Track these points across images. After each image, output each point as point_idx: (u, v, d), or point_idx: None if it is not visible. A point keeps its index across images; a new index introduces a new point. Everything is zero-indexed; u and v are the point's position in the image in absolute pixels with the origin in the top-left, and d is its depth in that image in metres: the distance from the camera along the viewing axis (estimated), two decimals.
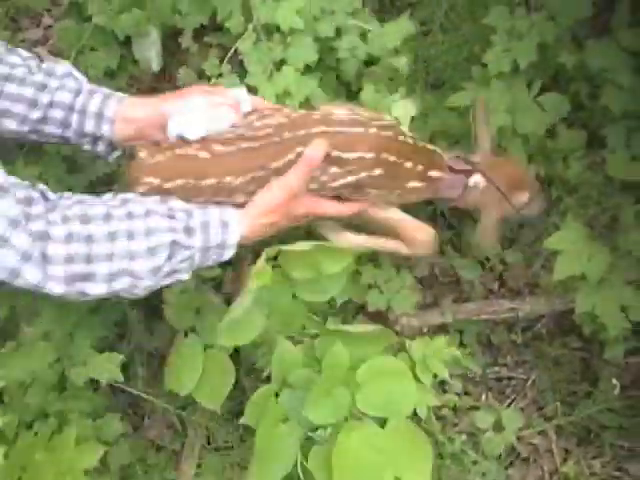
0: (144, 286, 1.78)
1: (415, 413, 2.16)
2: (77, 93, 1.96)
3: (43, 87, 1.93)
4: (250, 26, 2.25)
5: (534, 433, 2.45)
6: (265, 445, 1.85)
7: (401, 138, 2.04)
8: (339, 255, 2.00)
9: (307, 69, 2.30)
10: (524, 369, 2.59)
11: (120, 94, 2.01)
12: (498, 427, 2.41)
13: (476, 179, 2.16)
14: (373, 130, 1.99)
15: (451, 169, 2.15)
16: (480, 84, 2.47)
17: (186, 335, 2.24)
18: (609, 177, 2.48)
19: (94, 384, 2.27)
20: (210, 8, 2.49)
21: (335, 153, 1.95)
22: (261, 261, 1.92)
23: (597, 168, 2.63)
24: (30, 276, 1.66)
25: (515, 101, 2.46)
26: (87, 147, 2.01)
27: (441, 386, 2.51)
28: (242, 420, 1.98)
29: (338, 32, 2.32)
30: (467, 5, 2.67)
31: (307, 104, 2.25)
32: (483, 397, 2.51)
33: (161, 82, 2.82)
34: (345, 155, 1.96)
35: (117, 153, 2.04)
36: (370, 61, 2.35)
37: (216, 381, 2.17)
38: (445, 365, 2.18)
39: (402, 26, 2.34)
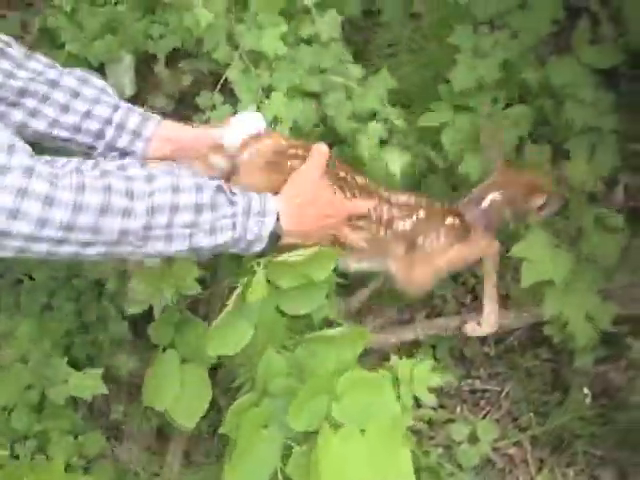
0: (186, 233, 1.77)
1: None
2: (115, 108, 1.99)
3: (76, 94, 1.95)
4: (236, 55, 2.29)
5: (509, 444, 2.49)
6: (245, 450, 1.86)
7: None
8: (325, 263, 2.02)
9: (293, 93, 2.34)
10: (497, 381, 2.63)
11: (157, 117, 2.05)
12: (473, 439, 2.45)
13: (490, 198, 2.22)
14: None
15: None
16: (448, 103, 2.51)
17: (164, 351, 2.26)
18: (573, 188, 2.54)
19: (73, 406, 2.29)
20: (182, 33, 2.53)
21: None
22: (259, 274, 1.94)
23: (562, 180, 2.70)
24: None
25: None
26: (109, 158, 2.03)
27: (416, 400, 2.53)
28: (221, 429, 1.98)
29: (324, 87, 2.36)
30: (432, 26, 2.73)
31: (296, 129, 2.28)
32: (458, 410, 2.55)
33: (136, 106, 2.86)
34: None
35: None
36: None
37: (193, 396, 2.19)
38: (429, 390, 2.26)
39: (383, 80, 2.38)
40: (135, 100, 2.79)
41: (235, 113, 2.28)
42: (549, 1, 2.66)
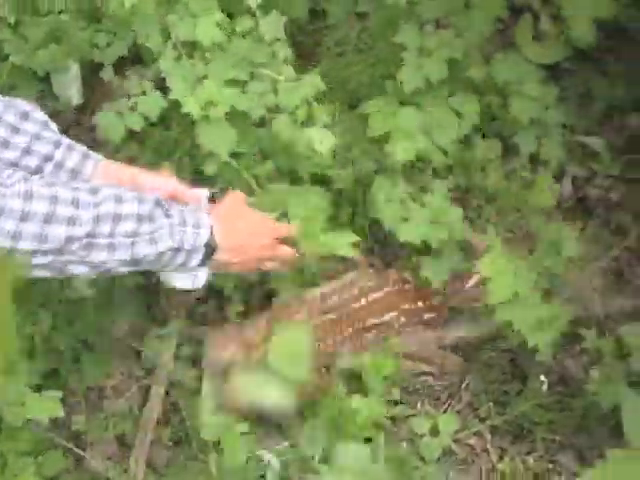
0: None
1: None
2: (56, 145, 2.00)
3: (16, 130, 1.95)
4: (169, 44, 2.28)
5: (470, 434, 2.51)
6: None
7: None
8: None
9: (230, 82, 2.33)
10: (461, 375, 2.66)
11: (97, 155, 2.08)
12: (435, 432, 2.47)
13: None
14: None
15: None
16: (394, 98, 2.54)
17: None
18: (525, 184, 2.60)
19: (32, 421, 2.25)
20: (129, 40, 2.52)
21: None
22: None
23: (513, 176, 2.76)
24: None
25: (430, 116, 2.54)
26: None
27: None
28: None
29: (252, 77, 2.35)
30: (378, 25, 2.76)
31: (233, 112, 2.28)
32: (419, 405, 2.57)
33: (83, 116, 2.84)
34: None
35: None
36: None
37: None
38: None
39: (313, 82, 2.36)
40: (83, 109, 2.78)
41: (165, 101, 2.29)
42: (493, 0, 2.72)
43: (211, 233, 1.95)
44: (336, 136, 2.36)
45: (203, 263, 1.97)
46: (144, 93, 2.35)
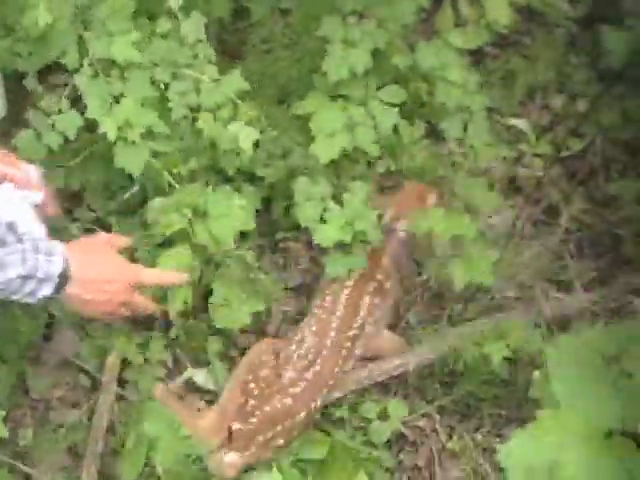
0: None
1: None
2: None
3: None
4: (86, 61, 2.27)
5: (418, 416, 2.55)
6: None
7: None
8: None
9: (147, 101, 2.33)
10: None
11: None
12: (384, 416, 2.50)
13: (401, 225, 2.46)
14: None
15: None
16: (323, 92, 2.56)
17: None
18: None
19: None
20: (51, 49, 2.50)
21: None
22: None
23: (444, 157, 2.83)
24: None
25: (360, 103, 2.57)
26: None
27: None
28: None
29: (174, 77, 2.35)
30: (302, 20, 2.78)
31: (149, 135, 2.29)
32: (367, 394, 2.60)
33: (10, 126, 2.80)
34: None
35: None
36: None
37: None
38: None
39: (234, 81, 2.36)
40: (10, 119, 2.74)
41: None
42: None
43: (66, 263, 1.94)
44: (265, 131, 2.39)
45: (55, 293, 1.95)
46: (60, 111, 2.32)
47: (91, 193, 2.69)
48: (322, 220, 2.36)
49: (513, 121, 2.95)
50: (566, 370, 1.49)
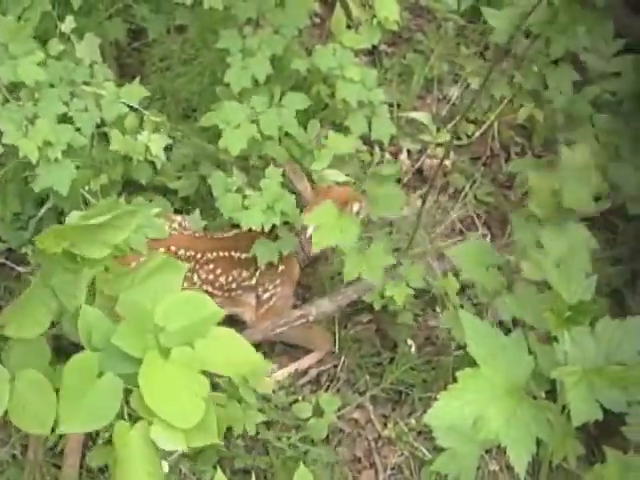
0: None
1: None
2: None
3: None
4: None
5: (352, 409, 2.61)
6: (78, 399, 1.85)
7: None
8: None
9: (61, 118, 2.33)
10: (334, 357, 2.75)
11: None
12: (319, 412, 2.55)
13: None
14: None
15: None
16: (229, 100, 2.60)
17: None
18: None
19: None
20: None
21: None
22: None
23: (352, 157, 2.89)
24: None
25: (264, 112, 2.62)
26: None
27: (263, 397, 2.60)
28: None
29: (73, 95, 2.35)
30: (199, 35, 2.82)
31: (71, 151, 2.29)
32: (298, 394, 2.64)
33: None
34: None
35: None
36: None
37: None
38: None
39: (136, 90, 2.40)
40: None
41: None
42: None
43: None
44: (174, 148, 2.42)
45: None
46: None
47: (2, 225, 2.66)
48: (244, 207, 2.42)
49: (413, 114, 3.04)
50: (481, 331, 1.57)
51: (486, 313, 2.44)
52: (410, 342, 2.66)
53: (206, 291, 2.47)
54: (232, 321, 2.56)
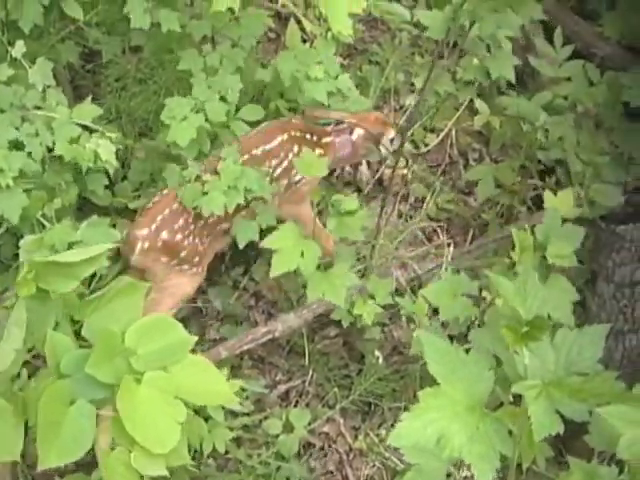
0: None
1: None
2: None
3: None
4: None
5: (322, 423, 2.61)
6: (52, 430, 1.83)
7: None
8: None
9: (12, 144, 2.30)
10: (303, 371, 2.76)
11: None
12: (289, 428, 2.55)
13: (358, 132, 2.67)
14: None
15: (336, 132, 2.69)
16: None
17: None
18: None
19: None
20: None
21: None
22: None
23: None
24: None
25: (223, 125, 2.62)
26: None
27: (231, 413, 2.59)
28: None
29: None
30: (154, 55, 2.81)
31: (23, 177, 2.27)
32: (268, 410, 2.64)
33: None
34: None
35: None
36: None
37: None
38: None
39: (89, 110, 2.38)
40: None
41: None
42: (257, 13, 2.85)
43: None
44: (131, 165, 2.40)
45: None
46: None
47: None
48: (205, 194, 2.40)
49: None
50: (440, 350, 1.58)
51: None
52: (377, 353, 2.67)
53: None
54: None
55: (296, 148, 2.62)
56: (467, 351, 1.57)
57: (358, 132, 2.70)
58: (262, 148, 2.59)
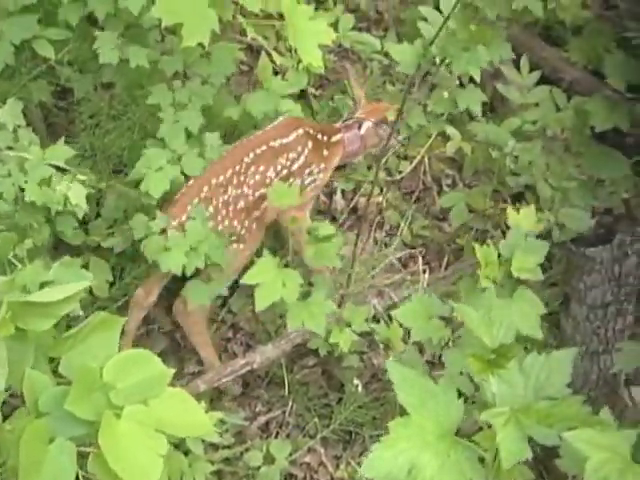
0: None
1: None
2: None
3: None
4: None
5: (303, 453, 2.61)
6: (33, 471, 1.81)
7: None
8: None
9: None
10: (283, 401, 2.76)
11: None
12: (270, 459, 2.54)
13: (366, 125, 2.82)
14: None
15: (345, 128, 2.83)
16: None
17: None
18: None
19: None
20: None
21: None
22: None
23: None
24: None
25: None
26: None
27: (212, 446, 2.58)
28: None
29: None
30: (126, 91, 2.83)
31: None
32: (249, 440, 2.63)
33: None
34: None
35: None
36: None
37: None
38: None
39: (62, 150, 2.39)
40: None
41: None
42: (228, 47, 2.89)
43: None
44: (105, 203, 2.42)
45: None
46: None
47: None
48: (166, 249, 2.40)
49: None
50: (409, 379, 1.59)
51: None
52: (357, 381, 2.67)
53: (260, 195, 2.56)
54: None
55: (310, 144, 2.72)
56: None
57: (367, 125, 2.82)
58: (280, 141, 2.67)
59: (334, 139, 2.80)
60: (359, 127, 2.83)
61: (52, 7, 2.60)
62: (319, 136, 2.75)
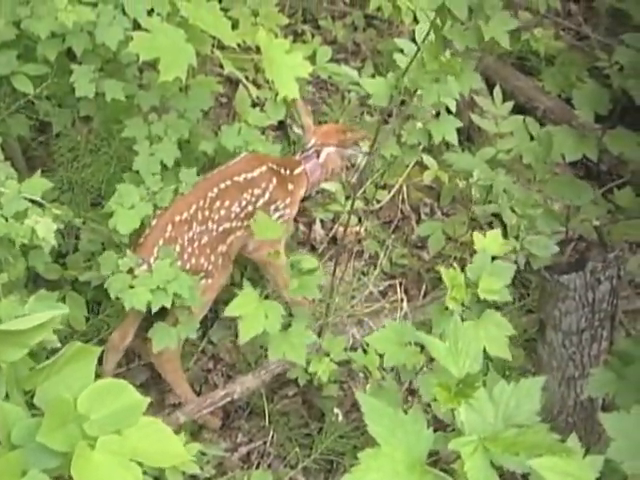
0: None
1: None
2: None
3: None
4: None
5: None
6: None
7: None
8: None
9: None
10: (264, 432, 2.75)
11: None
12: None
13: (325, 152, 2.82)
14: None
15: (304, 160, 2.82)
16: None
17: None
18: None
19: None
20: None
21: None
22: None
23: None
24: None
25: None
26: None
27: (192, 478, 2.57)
28: None
29: None
30: (103, 125, 2.86)
31: None
32: (230, 472, 2.62)
33: None
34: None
35: None
36: None
37: None
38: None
39: (39, 183, 2.38)
40: None
41: None
42: (206, 81, 2.93)
43: None
44: (81, 237, 2.43)
45: None
46: None
47: None
48: (131, 287, 2.39)
49: (323, 185, 3.10)
50: (378, 410, 1.61)
51: None
52: (337, 411, 2.67)
53: (224, 229, 2.56)
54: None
55: (275, 180, 2.70)
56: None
57: (326, 152, 2.82)
58: (244, 176, 2.65)
59: (296, 172, 2.79)
60: (317, 156, 2.83)
61: (31, 42, 2.63)
62: (282, 171, 2.74)
